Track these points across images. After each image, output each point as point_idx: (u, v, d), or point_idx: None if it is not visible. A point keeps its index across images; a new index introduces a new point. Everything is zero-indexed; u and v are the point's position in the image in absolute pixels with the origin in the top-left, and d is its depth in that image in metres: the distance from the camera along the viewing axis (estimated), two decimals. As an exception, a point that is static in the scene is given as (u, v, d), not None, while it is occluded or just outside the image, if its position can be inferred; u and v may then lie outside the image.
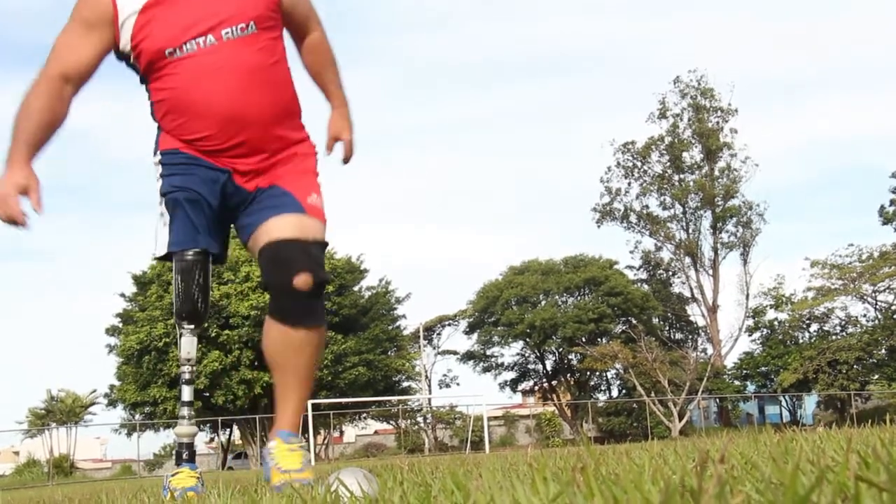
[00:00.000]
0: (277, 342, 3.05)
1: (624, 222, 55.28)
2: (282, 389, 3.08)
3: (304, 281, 2.95)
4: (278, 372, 3.07)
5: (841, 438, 2.20)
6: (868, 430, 2.93)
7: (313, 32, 3.35)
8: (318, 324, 3.08)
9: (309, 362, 3.06)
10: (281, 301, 3.03)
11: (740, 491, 1.04)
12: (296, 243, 3.00)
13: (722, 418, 50.62)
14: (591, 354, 46.73)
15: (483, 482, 1.52)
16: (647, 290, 53.11)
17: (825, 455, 1.60)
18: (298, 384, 3.06)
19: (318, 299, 3.06)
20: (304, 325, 3.03)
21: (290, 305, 3.00)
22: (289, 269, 2.96)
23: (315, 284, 2.98)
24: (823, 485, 1.04)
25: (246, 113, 3.02)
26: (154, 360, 39.93)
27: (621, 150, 55.37)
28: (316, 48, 3.36)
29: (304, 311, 3.02)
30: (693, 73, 55.99)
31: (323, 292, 3.08)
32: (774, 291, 51.47)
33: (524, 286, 50.70)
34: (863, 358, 46.41)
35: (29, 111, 3.04)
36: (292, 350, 3.02)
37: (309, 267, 2.97)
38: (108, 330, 44.14)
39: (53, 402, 58.27)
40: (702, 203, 53.73)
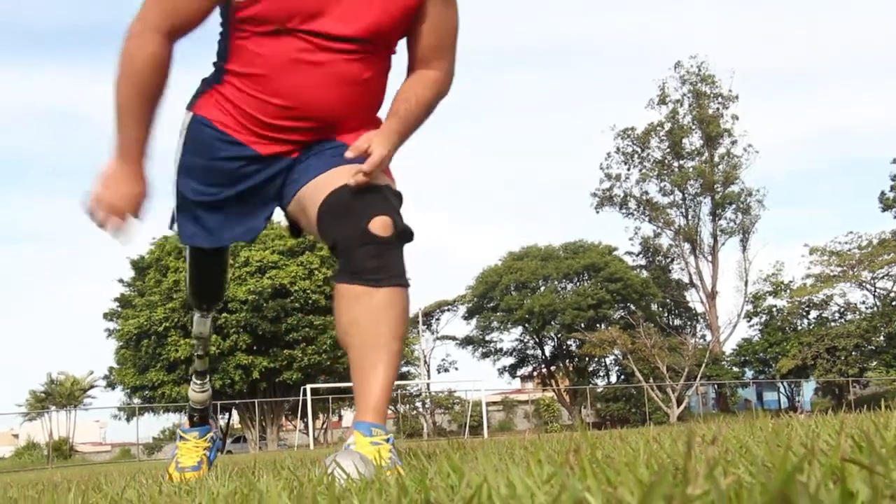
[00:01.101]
0: (353, 309, 2.42)
1: (623, 208, 55.32)
2: (360, 370, 2.41)
3: (383, 224, 2.40)
4: (356, 348, 2.42)
5: (835, 423, 2.21)
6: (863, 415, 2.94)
7: (433, 70, 2.70)
8: (403, 283, 2.45)
9: (395, 331, 2.41)
10: (354, 255, 2.41)
11: (733, 473, 1.05)
12: (367, 186, 2.47)
13: (720, 404, 50.76)
14: (590, 340, 46.81)
15: (478, 465, 1.53)
16: (646, 277, 53.18)
17: (819, 439, 1.61)
18: (382, 361, 2.39)
19: (399, 252, 2.45)
20: (387, 282, 2.40)
21: (369, 257, 2.39)
22: (361, 213, 2.42)
23: (396, 231, 2.42)
24: (814, 466, 1.05)
25: (323, 115, 2.61)
26: (153, 344, 40.03)
27: (621, 136, 55.39)
28: (424, 80, 2.70)
29: (384, 265, 2.40)
30: (694, 60, 56.07)
31: (403, 247, 2.47)
32: (773, 278, 51.54)
33: (523, 272, 50.74)
34: (861, 345, 46.51)
35: (140, 83, 2.52)
36: (373, 317, 2.39)
37: (387, 210, 2.43)
38: (107, 314, 44.23)
39: (53, 386, 58.38)
40: (701, 189, 53.73)
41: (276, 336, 40.39)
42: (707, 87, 54.67)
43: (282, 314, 40.09)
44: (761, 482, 0.99)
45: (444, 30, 2.65)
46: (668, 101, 54.95)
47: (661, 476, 0.69)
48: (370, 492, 1.37)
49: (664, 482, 0.69)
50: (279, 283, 40.20)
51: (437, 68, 2.69)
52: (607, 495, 0.94)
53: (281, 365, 41.03)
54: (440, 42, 2.67)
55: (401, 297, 2.42)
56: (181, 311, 39.59)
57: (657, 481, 0.69)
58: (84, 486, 2.76)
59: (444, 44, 2.68)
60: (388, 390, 2.40)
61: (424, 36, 2.64)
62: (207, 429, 3.40)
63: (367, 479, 1.90)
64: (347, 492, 1.48)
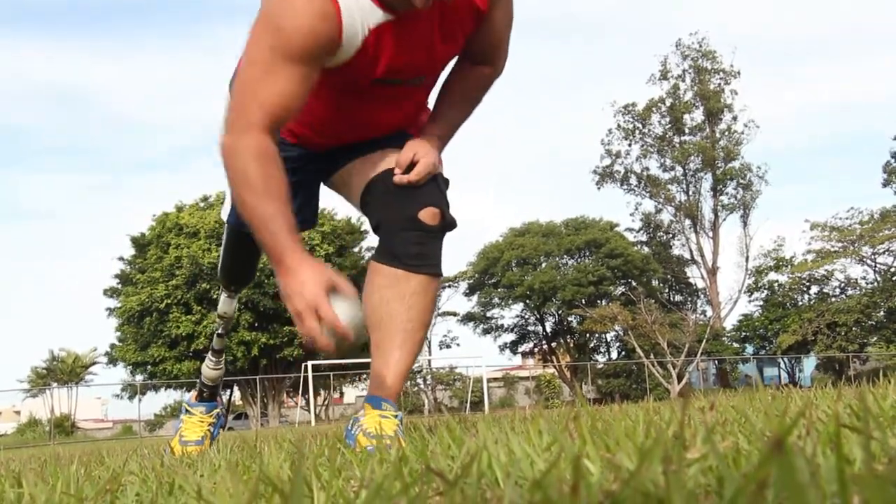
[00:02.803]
0: (386, 290, 2.45)
1: (624, 184, 55.25)
2: (382, 350, 2.44)
3: (432, 214, 2.46)
4: (382, 328, 2.43)
5: (833, 394, 2.22)
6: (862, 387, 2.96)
7: (483, 66, 2.63)
8: (438, 273, 2.51)
9: (422, 317, 2.46)
10: (399, 239, 2.45)
11: (730, 437, 1.06)
12: None
13: (720, 380, 50.87)
14: (591, 316, 46.83)
15: (479, 435, 1.54)
16: (647, 253, 53.19)
17: (817, 409, 1.61)
18: (405, 346, 2.43)
19: (440, 242, 2.51)
20: (424, 270, 2.46)
21: (412, 243, 2.44)
22: (413, 200, 2.46)
23: (443, 223, 2.49)
24: (811, 434, 1.06)
25: (377, 134, 2.61)
26: (155, 321, 40.12)
27: (622, 111, 55.23)
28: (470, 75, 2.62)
29: (425, 253, 2.46)
30: (695, 36, 55.83)
31: (444, 236, 2.53)
32: (774, 254, 51.55)
33: (525, 248, 50.75)
34: (861, 320, 46.56)
35: (267, 190, 2.21)
36: (405, 301, 2.43)
37: (438, 201, 2.48)
38: (107, 291, 44.28)
39: (55, 362, 58.55)
40: (702, 165, 53.64)
41: (277, 312, 40.42)
42: (708, 63, 54.50)
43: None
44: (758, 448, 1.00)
45: (503, 27, 2.55)
46: (670, 76, 54.80)
47: (658, 441, 0.70)
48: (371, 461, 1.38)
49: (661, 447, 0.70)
50: (280, 259, 40.20)
51: (491, 63, 2.63)
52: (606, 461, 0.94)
53: (282, 341, 41.13)
54: (498, 40, 2.58)
55: (434, 286, 2.50)
56: (183, 288, 39.65)
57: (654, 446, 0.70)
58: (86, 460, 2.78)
59: (501, 39, 2.59)
60: (405, 375, 2.45)
61: (483, 38, 2.53)
62: (214, 405, 3.43)
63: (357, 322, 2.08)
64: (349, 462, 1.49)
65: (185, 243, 41.24)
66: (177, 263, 40.48)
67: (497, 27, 2.52)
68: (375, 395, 2.42)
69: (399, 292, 2.43)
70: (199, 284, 39.70)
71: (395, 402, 2.42)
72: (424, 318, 2.47)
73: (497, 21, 2.50)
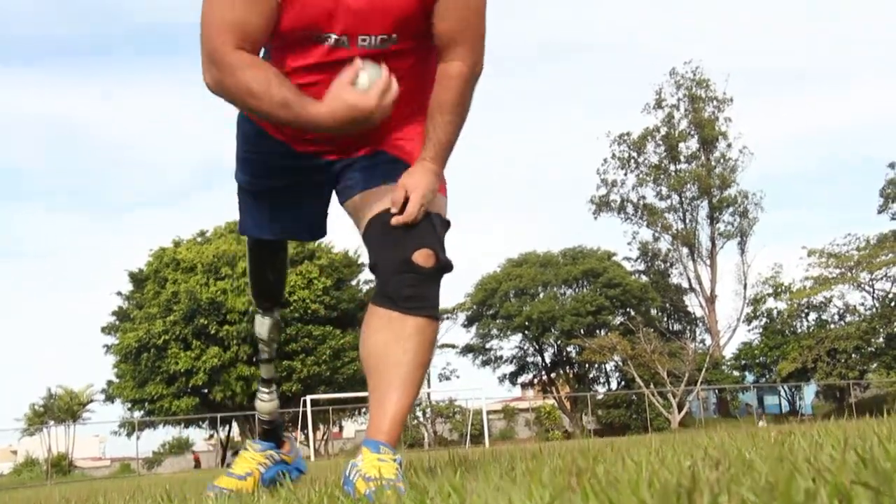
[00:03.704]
0: (380, 333, 2.43)
1: (621, 213, 55.35)
2: (379, 392, 2.42)
3: (426, 256, 2.42)
4: (378, 371, 2.43)
5: (839, 433, 2.19)
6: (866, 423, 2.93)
7: (454, 62, 2.50)
8: (434, 315, 2.47)
9: (418, 359, 2.42)
10: (393, 281, 2.43)
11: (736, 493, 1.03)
12: None
13: (721, 409, 50.69)
14: (590, 347, 46.74)
15: (479, 485, 1.51)
16: (645, 282, 53.15)
17: (822, 451, 1.59)
18: (402, 385, 2.41)
19: (436, 284, 2.48)
20: (420, 312, 2.42)
21: (406, 285, 2.41)
22: (406, 242, 2.43)
23: (438, 265, 2.45)
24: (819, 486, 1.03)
25: None
26: (153, 357, 39.93)
27: (617, 141, 55.43)
28: (444, 82, 2.52)
29: (420, 294, 2.42)
30: (689, 65, 56.17)
31: (441, 278, 2.50)
32: (772, 280, 51.54)
33: (522, 278, 50.70)
34: (861, 346, 46.45)
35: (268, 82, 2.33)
36: (400, 343, 2.40)
37: (431, 243, 2.44)
38: (105, 329, 44.13)
39: (52, 400, 58.23)
40: (698, 193, 53.78)
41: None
42: (702, 91, 54.79)
43: (282, 324, 40.01)
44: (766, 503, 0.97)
45: (465, 8, 2.44)
46: (664, 105, 55.07)
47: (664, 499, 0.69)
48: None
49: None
50: (278, 293, 40.14)
51: (458, 57, 2.49)
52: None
53: (280, 376, 40.95)
54: (460, 23, 2.45)
55: (431, 327, 2.46)
56: (181, 324, 39.53)
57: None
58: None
59: (464, 25, 2.46)
60: (403, 416, 2.41)
61: (443, 17, 2.43)
62: (270, 445, 3.29)
63: None
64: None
65: (183, 278, 41.16)
66: (174, 299, 40.37)
67: (456, 7, 2.43)
68: (373, 438, 2.37)
69: (395, 335, 2.41)
70: (197, 320, 39.56)
71: (394, 444, 2.38)
72: (421, 359, 2.43)
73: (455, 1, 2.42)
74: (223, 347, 39.50)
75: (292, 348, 40.55)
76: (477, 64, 2.52)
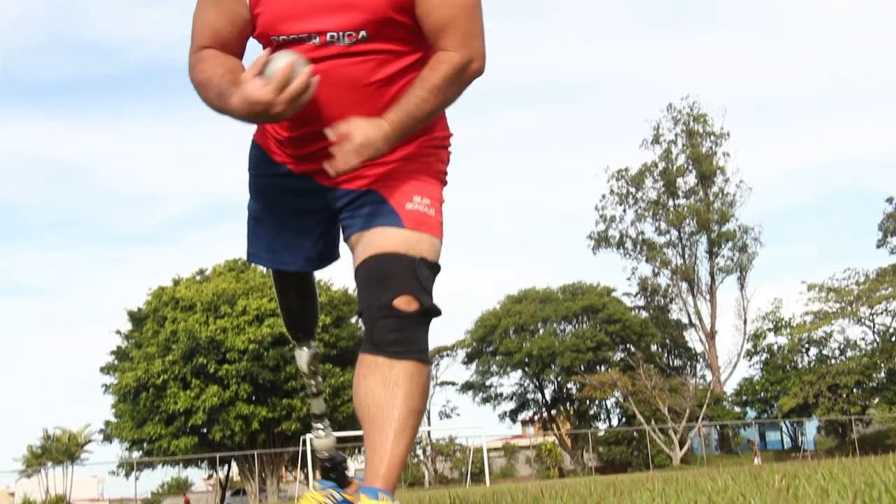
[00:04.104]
0: (368, 380, 2.40)
1: (620, 249, 55.35)
2: (372, 440, 2.39)
3: (408, 301, 2.38)
4: (370, 419, 2.39)
5: (844, 479, 2.16)
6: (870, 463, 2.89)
7: (447, 52, 2.42)
8: (422, 359, 2.41)
9: (409, 403, 2.38)
10: (377, 327, 2.40)
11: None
12: (396, 258, 2.42)
13: (723, 446, 50.40)
14: (590, 383, 46.57)
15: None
16: (644, 317, 53.04)
17: (829, 499, 1.56)
18: (395, 432, 2.36)
19: (422, 327, 2.43)
20: (406, 356, 2.38)
21: (390, 330, 2.38)
22: (387, 288, 2.39)
23: (421, 310, 2.41)
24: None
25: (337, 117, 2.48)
26: (152, 396, 39.71)
27: (615, 176, 55.54)
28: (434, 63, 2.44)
29: (404, 339, 2.38)
30: (686, 100, 56.38)
31: (429, 322, 2.46)
32: (772, 315, 51.43)
33: (522, 315, 50.64)
34: (862, 381, 46.27)
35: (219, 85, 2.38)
36: (389, 389, 2.37)
37: (412, 289, 2.39)
38: (104, 368, 43.94)
39: (49, 441, 57.87)
40: (697, 228, 53.81)
41: (276, 385, 40.12)
42: (699, 126, 54.98)
43: (281, 362, 39.87)
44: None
45: (448, 5, 2.38)
46: (662, 140, 55.24)
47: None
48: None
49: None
50: (278, 331, 39.98)
51: (451, 48, 2.40)
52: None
53: (280, 415, 40.72)
54: (445, 20, 2.39)
55: (420, 370, 2.40)
56: (180, 363, 39.36)
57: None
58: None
59: (449, 21, 2.39)
60: (400, 462, 2.37)
61: (427, 13, 2.39)
62: (331, 485, 3.18)
63: None
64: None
65: (182, 317, 41.06)
66: (173, 338, 40.24)
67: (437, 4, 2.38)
68: (371, 485, 2.34)
69: (382, 381, 2.37)
70: (196, 358, 39.39)
71: (392, 489, 2.35)
72: (412, 404, 2.38)
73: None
74: (223, 386, 39.30)
75: (292, 386, 40.35)
76: (471, 60, 2.43)
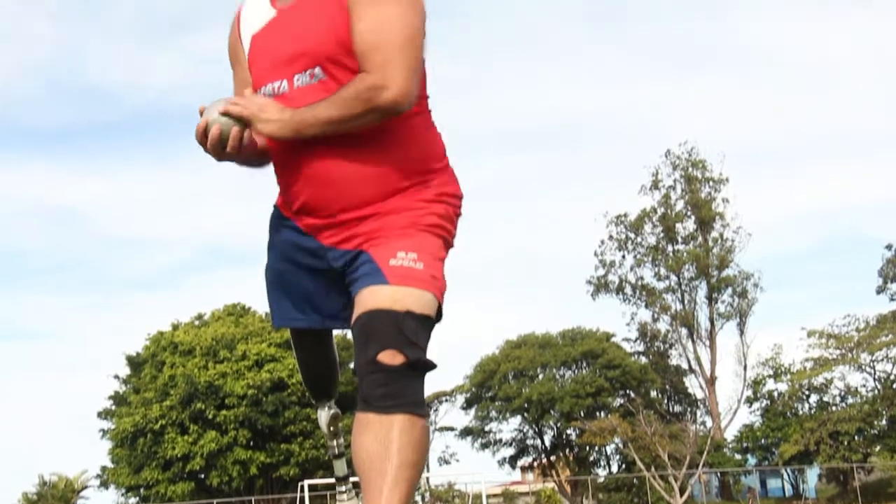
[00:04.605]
0: (362, 436, 2.37)
1: (619, 294, 55.26)
2: (367, 496, 2.37)
3: (392, 355, 2.36)
4: (365, 474, 2.36)
5: None
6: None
7: (363, 72, 2.48)
8: (415, 411, 2.38)
9: (404, 459, 2.34)
10: (366, 382, 2.38)
11: None
12: (381, 314, 2.40)
13: (724, 493, 50.02)
14: (590, 429, 46.32)
15: None
16: (644, 363, 52.88)
17: None
18: (388, 485, 2.32)
19: (411, 380, 2.40)
20: (396, 410, 2.35)
21: (378, 385, 2.35)
22: (373, 343, 2.38)
23: (408, 363, 2.37)
24: None
25: (316, 173, 2.56)
26: (149, 442, 39.48)
27: (614, 222, 55.61)
28: (350, 79, 2.50)
29: (393, 393, 2.35)
30: (684, 146, 56.55)
31: (420, 375, 2.43)
32: (772, 361, 51.27)
33: (521, 360, 50.48)
34: (864, 429, 46.01)
35: None
36: (383, 445, 2.33)
37: (396, 343, 2.37)
38: (101, 413, 43.72)
39: (45, 487, 57.34)
40: (697, 273, 53.79)
41: (274, 430, 39.93)
42: (698, 172, 55.13)
43: (280, 408, 39.70)
44: None
45: (370, 31, 2.45)
46: (661, 186, 55.37)
47: None
48: None
49: None
50: (277, 376, 39.86)
51: (365, 69, 2.45)
52: None
53: (278, 460, 40.49)
54: (368, 43, 2.46)
55: (412, 424, 2.37)
56: (178, 408, 39.17)
57: None
58: None
59: (372, 44, 2.45)
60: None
61: (358, 41, 2.47)
62: None
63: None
64: None
65: (180, 362, 40.95)
66: (171, 382, 40.08)
67: (362, 26, 2.46)
68: None
69: (375, 436, 2.34)
70: (194, 404, 39.21)
71: None
72: (405, 457, 2.34)
73: (362, 19, 2.47)
74: (221, 432, 39.10)
75: (290, 431, 40.18)
76: (385, 86, 2.43)
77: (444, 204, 2.66)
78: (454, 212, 2.71)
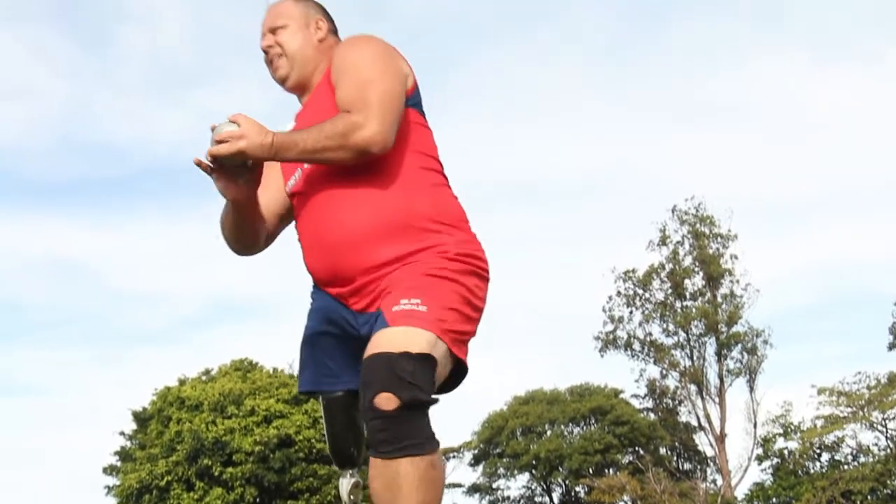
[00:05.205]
0: (373, 482, 2.44)
1: (628, 350, 55.04)
2: None
3: (386, 399, 2.38)
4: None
5: None
6: None
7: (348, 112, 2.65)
8: (415, 452, 2.40)
9: (413, 497, 2.39)
10: (368, 430, 2.45)
11: None
12: (376, 358, 2.43)
13: (736, 553, 49.41)
14: (599, 486, 45.95)
15: None
16: (653, 420, 52.57)
17: None
18: None
19: (410, 422, 2.42)
20: (399, 454, 2.39)
21: (378, 430, 2.40)
22: (368, 389, 2.41)
23: (402, 405, 2.39)
24: None
25: (327, 241, 2.68)
26: (154, 499, 39.14)
27: (622, 277, 55.56)
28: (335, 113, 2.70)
29: (393, 437, 2.39)
30: (691, 201, 56.62)
31: (420, 413, 2.45)
32: (782, 419, 50.89)
33: (529, 416, 50.30)
34: (877, 488, 45.58)
35: None
36: (391, 490, 2.39)
37: (389, 386, 2.39)
38: (107, 469, 43.43)
39: (49, 545, 56.91)
40: (705, 330, 53.62)
41: (281, 487, 39.59)
42: (706, 228, 55.21)
43: (287, 464, 39.41)
44: None
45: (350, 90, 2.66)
46: (669, 242, 55.40)
47: None
48: None
49: None
50: (285, 432, 39.61)
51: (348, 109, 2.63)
52: None
53: (285, 517, 40.14)
54: (351, 97, 2.65)
55: (415, 466, 2.40)
56: (185, 464, 38.88)
57: None
58: None
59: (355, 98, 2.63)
60: None
61: (339, 101, 2.69)
62: None
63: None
64: None
65: (187, 417, 40.71)
66: (177, 438, 39.83)
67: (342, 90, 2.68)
68: None
69: (384, 482, 2.40)
70: (200, 460, 38.89)
71: None
72: (418, 498, 2.39)
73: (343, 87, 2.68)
74: (227, 489, 38.73)
75: (297, 487, 39.80)
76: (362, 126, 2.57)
77: (461, 262, 2.66)
78: (474, 271, 2.71)
